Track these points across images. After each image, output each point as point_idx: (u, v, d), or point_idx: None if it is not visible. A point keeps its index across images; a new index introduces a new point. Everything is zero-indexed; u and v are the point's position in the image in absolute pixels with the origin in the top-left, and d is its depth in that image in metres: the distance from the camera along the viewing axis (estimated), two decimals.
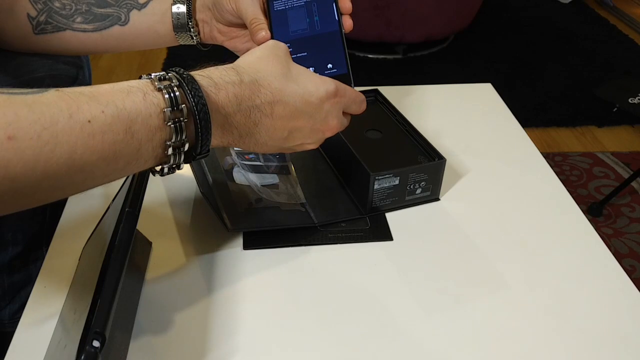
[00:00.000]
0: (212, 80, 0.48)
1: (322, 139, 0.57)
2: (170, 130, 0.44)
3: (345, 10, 0.62)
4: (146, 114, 0.43)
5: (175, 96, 0.44)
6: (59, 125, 0.38)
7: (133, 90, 0.43)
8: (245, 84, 0.49)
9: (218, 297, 0.58)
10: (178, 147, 0.45)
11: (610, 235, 1.67)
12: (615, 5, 3.17)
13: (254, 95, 0.50)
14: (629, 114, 2.22)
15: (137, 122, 0.42)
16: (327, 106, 0.55)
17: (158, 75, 0.45)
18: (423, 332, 0.56)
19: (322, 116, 0.55)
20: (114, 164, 0.42)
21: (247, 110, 0.50)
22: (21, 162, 0.37)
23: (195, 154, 0.47)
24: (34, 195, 0.40)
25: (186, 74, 0.46)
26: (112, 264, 0.45)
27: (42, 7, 0.66)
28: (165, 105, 0.43)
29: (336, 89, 0.55)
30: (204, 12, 0.66)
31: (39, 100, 0.39)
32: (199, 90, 0.45)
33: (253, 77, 0.50)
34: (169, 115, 0.43)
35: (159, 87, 0.44)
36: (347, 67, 0.61)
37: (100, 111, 0.40)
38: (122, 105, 0.41)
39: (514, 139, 0.85)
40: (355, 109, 0.59)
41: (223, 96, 0.48)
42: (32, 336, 0.54)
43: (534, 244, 0.66)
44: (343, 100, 0.57)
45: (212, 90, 0.47)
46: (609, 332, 0.56)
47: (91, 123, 0.40)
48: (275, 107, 0.51)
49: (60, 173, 0.39)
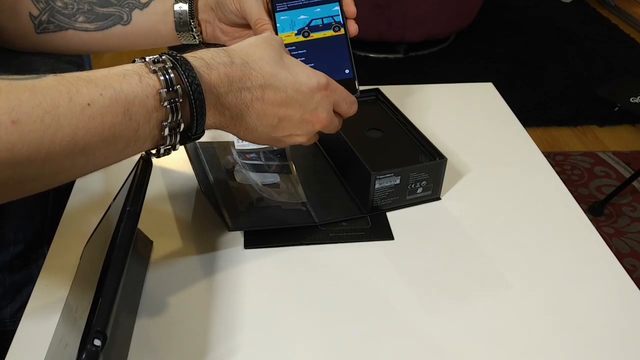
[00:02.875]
0: (204, 61, 0.49)
1: (312, 132, 0.57)
2: (166, 111, 0.45)
3: (349, 15, 0.62)
4: (143, 96, 0.44)
5: (170, 77, 0.45)
6: (60, 108, 0.39)
7: (129, 73, 0.44)
8: (236, 65, 0.50)
9: (219, 296, 0.59)
10: (174, 128, 0.46)
11: (611, 235, 1.67)
12: (616, 4, 3.16)
13: (245, 77, 0.51)
14: (630, 114, 2.22)
15: (134, 103, 0.43)
16: (318, 97, 0.55)
17: (152, 58, 0.46)
18: (423, 331, 0.56)
19: (313, 106, 0.55)
20: (113, 145, 0.43)
21: (238, 91, 0.50)
22: (25, 146, 0.38)
23: (191, 134, 0.48)
24: (38, 179, 0.41)
25: (179, 56, 0.47)
26: (113, 262, 0.45)
27: (44, 7, 0.67)
28: (160, 87, 0.44)
29: (327, 83, 0.56)
30: (206, 12, 0.66)
31: (39, 84, 0.39)
32: (192, 70, 0.46)
33: (244, 60, 0.51)
34: (165, 96, 0.44)
35: (153, 70, 0.45)
36: (352, 72, 0.61)
37: (98, 94, 0.41)
38: (119, 88, 0.42)
39: (515, 138, 0.85)
40: (345, 108, 0.59)
41: (215, 76, 0.49)
42: (33, 335, 0.54)
43: (535, 243, 0.66)
44: (334, 95, 0.57)
45: (205, 70, 0.48)
46: (610, 331, 0.56)
47: (91, 106, 0.41)
48: (266, 91, 0.52)
49: (63, 155, 0.40)
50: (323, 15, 0.62)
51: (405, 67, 2.53)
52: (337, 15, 0.62)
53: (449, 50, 2.68)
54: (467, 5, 2.55)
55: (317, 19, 0.62)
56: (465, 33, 2.74)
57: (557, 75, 2.47)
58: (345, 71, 0.61)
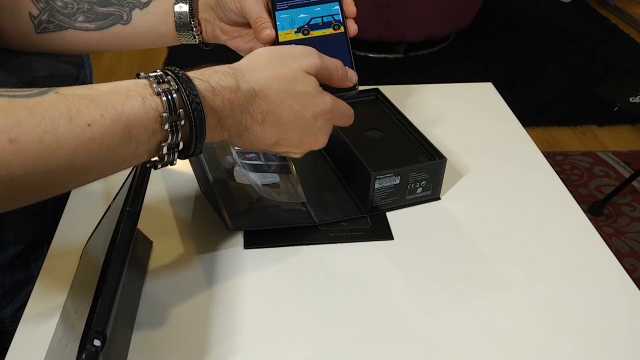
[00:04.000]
0: (210, 85, 0.48)
1: (308, 151, 0.58)
2: (166, 133, 0.45)
3: (349, 14, 0.62)
4: (145, 118, 0.43)
5: (174, 99, 0.45)
6: (59, 128, 0.39)
7: (132, 93, 0.43)
8: (241, 92, 0.50)
9: (219, 296, 0.59)
10: (173, 147, 0.46)
11: (611, 235, 1.67)
12: (615, 4, 3.16)
13: (248, 103, 0.51)
14: (630, 113, 2.22)
15: (135, 125, 0.43)
16: (320, 122, 0.55)
17: (156, 75, 0.46)
18: (423, 331, 0.56)
19: (314, 132, 0.56)
20: (111, 163, 0.43)
21: (239, 115, 0.50)
22: (23, 164, 0.38)
23: (188, 153, 0.48)
24: (33, 192, 0.41)
25: (184, 77, 0.46)
26: (113, 262, 0.45)
27: (44, 6, 0.67)
28: (163, 110, 0.44)
29: (332, 107, 0.56)
30: (206, 11, 0.66)
31: (39, 103, 0.39)
32: (196, 95, 0.46)
33: (251, 87, 0.51)
34: (167, 119, 0.44)
35: (157, 91, 0.44)
36: (352, 69, 0.61)
37: (99, 115, 0.41)
38: (121, 109, 0.42)
39: (514, 138, 0.85)
40: (343, 123, 0.59)
41: (219, 101, 0.48)
42: (33, 335, 0.54)
43: (535, 243, 0.66)
44: (336, 117, 0.57)
45: (209, 95, 0.48)
46: (610, 331, 0.56)
47: (91, 126, 0.40)
48: (268, 117, 0.52)
49: (60, 173, 0.40)
50: (323, 14, 0.62)
51: (405, 67, 2.53)
52: (337, 14, 0.62)
53: (448, 50, 2.68)
54: (467, 5, 2.54)
55: (317, 17, 0.62)
56: (465, 33, 2.74)
57: (557, 75, 2.47)
58: None
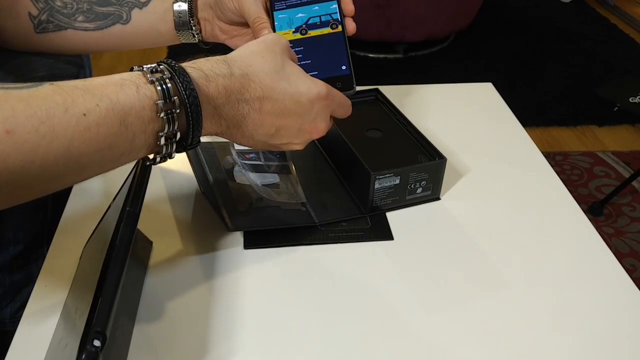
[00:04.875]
0: (203, 72, 0.48)
1: (309, 140, 0.57)
2: (162, 122, 0.45)
3: (347, 13, 0.62)
4: (139, 107, 0.43)
5: (168, 88, 0.45)
6: (55, 119, 0.39)
7: (126, 83, 0.44)
8: (235, 77, 0.50)
9: (218, 296, 0.58)
10: (170, 138, 0.46)
11: (611, 235, 1.67)
12: (615, 4, 3.16)
13: (244, 89, 0.50)
14: (630, 113, 2.22)
15: (130, 114, 0.43)
16: (317, 108, 0.55)
17: (150, 67, 0.46)
18: (423, 331, 0.56)
19: (312, 117, 0.55)
20: (109, 154, 0.43)
21: (235, 103, 0.50)
22: (20, 156, 0.38)
23: (186, 144, 0.48)
24: (31, 187, 0.40)
25: (177, 66, 0.47)
26: (112, 263, 0.45)
27: (44, 6, 0.67)
28: (157, 98, 0.44)
29: (327, 93, 0.55)
30: (205, 10, 0.66)
31: (35, 94, 0.39)
32: (190, 82, 0.46)
33: (244, 71, 0.51)
34: (162, 107, 0.44)
35: (151, 80, 0.45)
36: (349, 68, 0.61)
37: (94, 104, 0.41)
38: (115, 98, 0.42)
39: (514, 138, 0.85)
40: (341, 113, 0.59)
41: (213, 88, 0.48)
42: (33, 335, 0.54)
43: (535, 243, 0.66)
44: (332, 104, 0.57)
45: (203, 82, 0.48)
46: (609, 331, 0.56)
47: (86, 116, 0.40)
48: (264, 103, 0.52)
49: (58, 165, 0.40)
50: (321, 13, 0.62)
51: (405, 67, 2.53)
52: (335, 13, 0.62)
53: (448, 50, 2.68)
54: (467, 5, 2.55)
55: (315, 16, 0.62)
56: (465, 33, 2.74)
57: (557, 75, 2.47)
58: (342, 67, 0.61)
